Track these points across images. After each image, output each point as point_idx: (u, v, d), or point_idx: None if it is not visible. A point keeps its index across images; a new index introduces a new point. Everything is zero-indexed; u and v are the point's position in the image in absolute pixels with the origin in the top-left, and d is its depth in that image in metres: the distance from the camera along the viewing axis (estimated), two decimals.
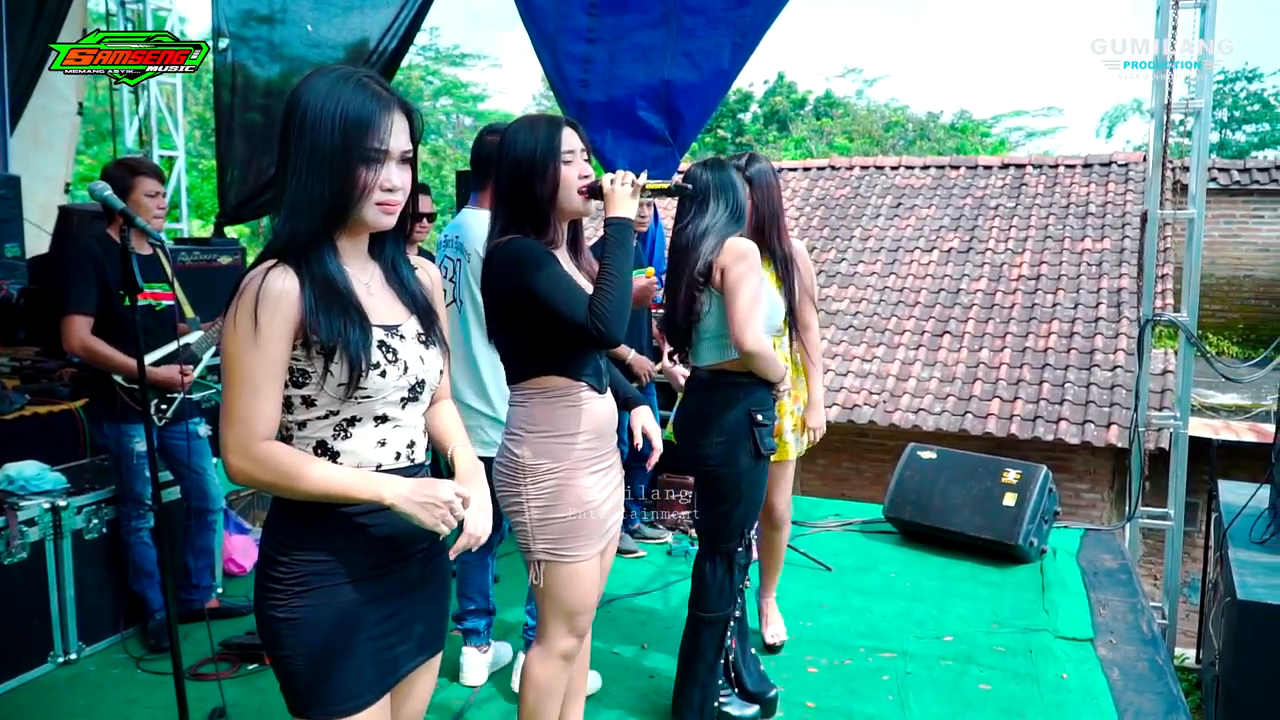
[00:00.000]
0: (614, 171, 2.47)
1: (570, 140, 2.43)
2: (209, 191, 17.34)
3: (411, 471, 1.85)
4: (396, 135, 1.73)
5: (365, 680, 1.80)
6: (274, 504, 1.80)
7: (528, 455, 2.44)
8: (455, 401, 2.82)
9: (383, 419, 1.80)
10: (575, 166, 2.43)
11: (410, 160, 1.78)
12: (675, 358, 3.42)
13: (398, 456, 1.83)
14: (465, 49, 36.69)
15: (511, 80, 64.62)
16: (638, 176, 2.43)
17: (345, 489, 1.70)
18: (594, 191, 2.44)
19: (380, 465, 1.80)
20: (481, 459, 2.03)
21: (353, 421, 1.77)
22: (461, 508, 1.73)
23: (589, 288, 2.40)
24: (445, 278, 3.48)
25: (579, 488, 2.45)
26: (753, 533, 3.24)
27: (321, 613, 1.74)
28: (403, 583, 1.85)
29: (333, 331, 1.69)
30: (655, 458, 2.71)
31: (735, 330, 3.00)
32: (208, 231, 10.35)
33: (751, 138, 26.52)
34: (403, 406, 1.82)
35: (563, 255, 2.49)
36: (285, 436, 1.76)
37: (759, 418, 3.10)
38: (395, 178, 1.74)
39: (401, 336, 1.82)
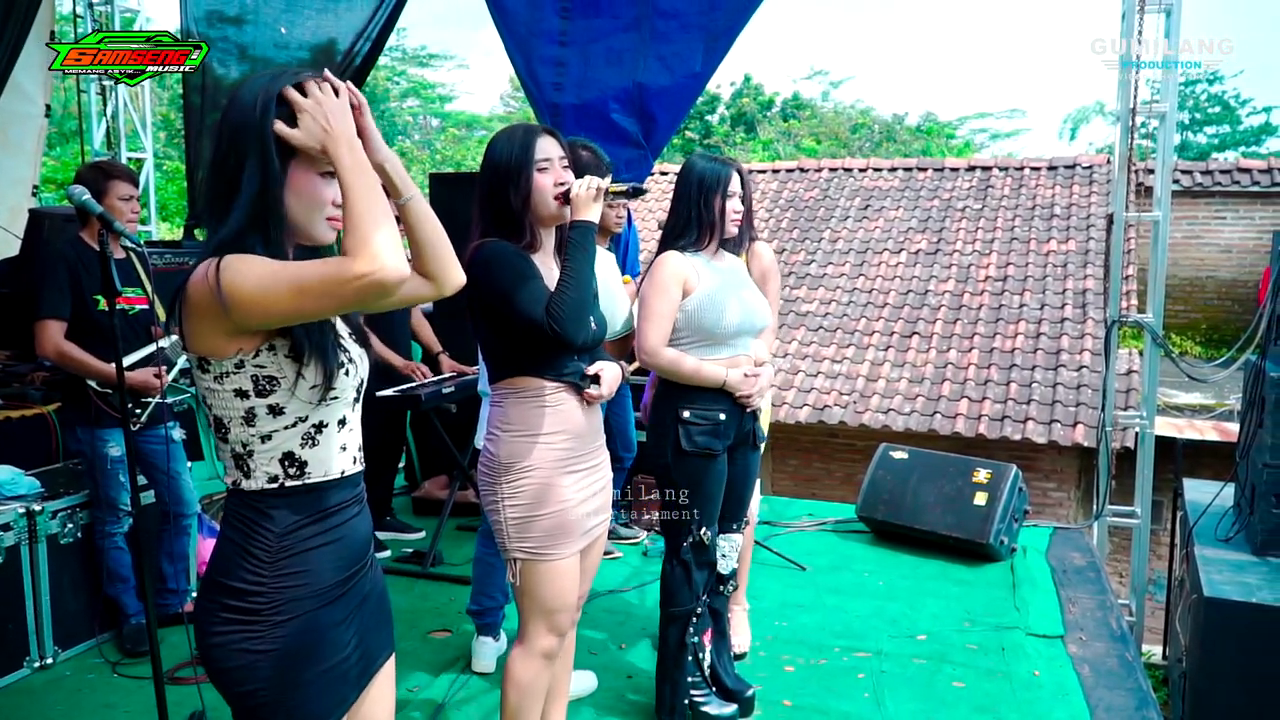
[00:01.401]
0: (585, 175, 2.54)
1: (546, 148, 2.50)
2: (173, 193, 17.18)
3: (359, 478, 1.84)
4: None
5: (339, 699, 1.78)
6: (233, 530, 1.71)
7: (503, 455, 2.49)
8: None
9: (342, 422, 1.78)
10: (550, 174, 2.49)
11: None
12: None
13: (354, 461, 1.82)
14: (432, 49, 36.54)
15: (479, 81, 64.47)
16: (599, 182, 2.49)
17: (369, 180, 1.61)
18: (568, 198, 2.50)
19: (344, 471, 1.78)
20: None
21: (320, 428, 1.73)
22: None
23: None
24: None
25: (555, 487, 2.49)
26: (707, 534, 3.21)
27: (305, 638, 1.70)
28: (361, 593, 1.83)
29: (308, 330, 1.67)
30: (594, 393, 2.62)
31: (637, 350, 3.14)
32: (175, 234, 10.27)
33: (719, 139, 26.61)
34: (353, 407, 1.81)
35: (545, 259, 2.54)
36: (245, 453, 1.70)
37: (685, 414, 3.10)
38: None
39: (339, 334, 1.80)
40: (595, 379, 2.54)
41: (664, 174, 13.61)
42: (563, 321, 2.38)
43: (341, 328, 1.82)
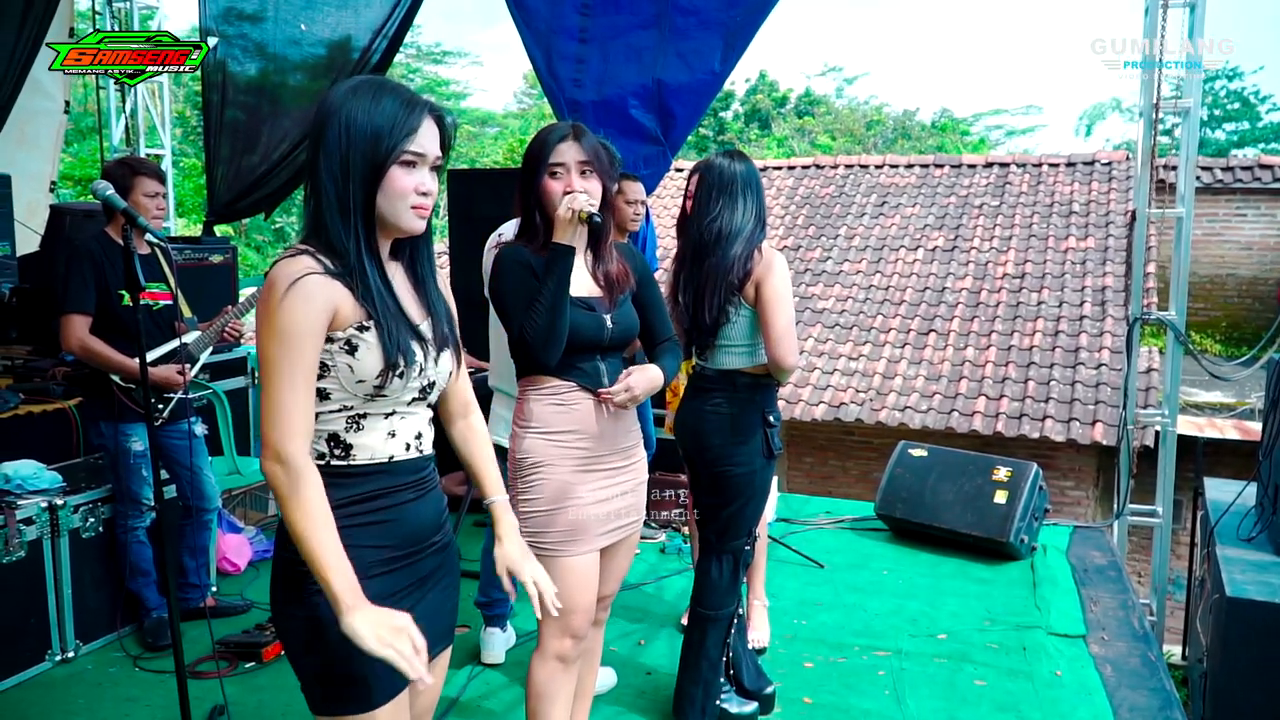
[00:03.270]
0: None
1: (563, 153, 2.45)
2: (190, 190, 17.25)
3: (421, 464, 1.87)
4: (431, 141, 1.79)
5: (382, 678, 1.78)
6: None
7: (519, 450, 2.51)
8: (513, 397, 2.81)
9: (391, 413, 1.83)
10: (562, 180, 2.44)
11: (439, 167, 1.83)
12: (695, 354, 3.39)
13: (407, 448, 1.85)
14: (446, 46, 36.59)
15: (492, 78, 64.48)
16: (585, 203, 2.42)
17: (325, 567, 1.64)
18: None
19: (393, 457, 1.82)
20: None
21: (364, 416, 1.79)
22: (417, 654, 1.64)
23: (589, 292, 2.52)
24: None
25: (566, 486, 2.48)
26: (757, 531, 3.27)
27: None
28: (417, 577, 1.86)
29: (386, 330, 1.73)
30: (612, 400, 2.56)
31: (775, 349, 3.02)
32: (194, 230, 10.32)
33: (734, 136, 26.55)
34: (409, 404, 1.85)
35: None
36: None
37: (770, 418, 3.14)
38: (429, 182, 1.78)
39: (420, 338, 1.84)
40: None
41: (679, 170, 13.60)
42: (532, 345, 2.39)
43: (425, 330, 1.85)
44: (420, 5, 6.27)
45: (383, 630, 1.62)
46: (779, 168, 14.60)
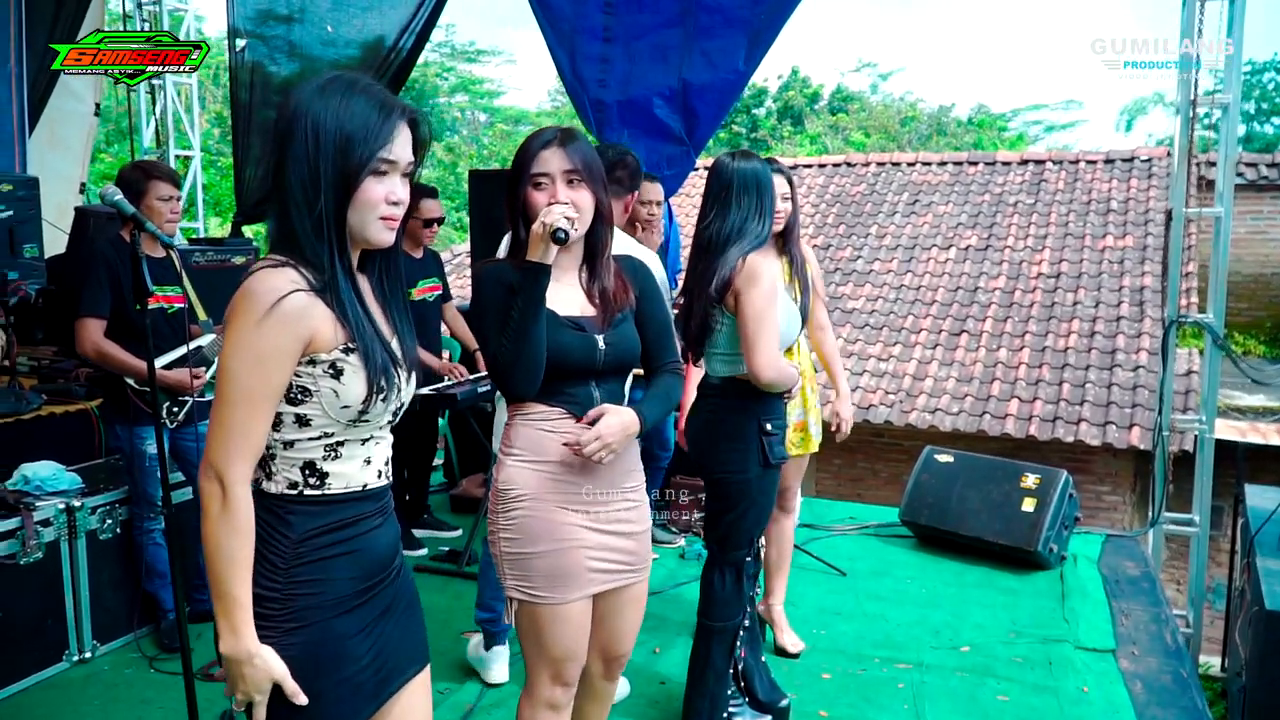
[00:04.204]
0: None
1: (546, 161, 2.24)
2: (227, 189, 17.41)
3: (385, 490, 1.81)
4: (403, 147, 1.69)
5: (352, 711, 1.75)
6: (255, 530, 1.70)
7: (502, 479, 2.29)
8: None
9: (368, 440, 1.76)
10: (546, 192, 2.23)
11: (410, 174, 1.73)
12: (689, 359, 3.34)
13: (379, 475, 1.78)
14: (480, 45, 36.69)
15: (526, 77, 64.63)
16: (558, 217, 2.17)
17: (237, 587, 1.60)
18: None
19: (366, 485, 1.75)
20: None
21: (343, 444, 1.71)
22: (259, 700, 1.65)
23: (581, 311, 2.30)
24: None
25: (551, 523, 2.25)
26: (761, 541, 3.19)
27: (317, 649, 1.68)
28: (382, 608, 1.79)
29: (369, 353, 1.67)
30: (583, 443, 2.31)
31: (750, 361, 2.93)
32: (226, 229, 10.38)
33: (766, 133, 26.39)
34: (380, 428, 1.78)
35: (559, 274, 2.27)
36: (268, 455, 1.68)
37: (768, 427, 3.04)
38: (399, 191, 1.69)
39: (394, 358, 1.76)
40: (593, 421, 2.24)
41: (706, 169, 13.54)
42: (501, 374, 2.21)
43: (393, 347, 1.77)
44: (445, 3, 6.26)
45: (262, 680, 1.63)
46: (809, 165, 14.49)
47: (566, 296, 2.31)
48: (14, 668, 3.63)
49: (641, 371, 2.50)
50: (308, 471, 1.70)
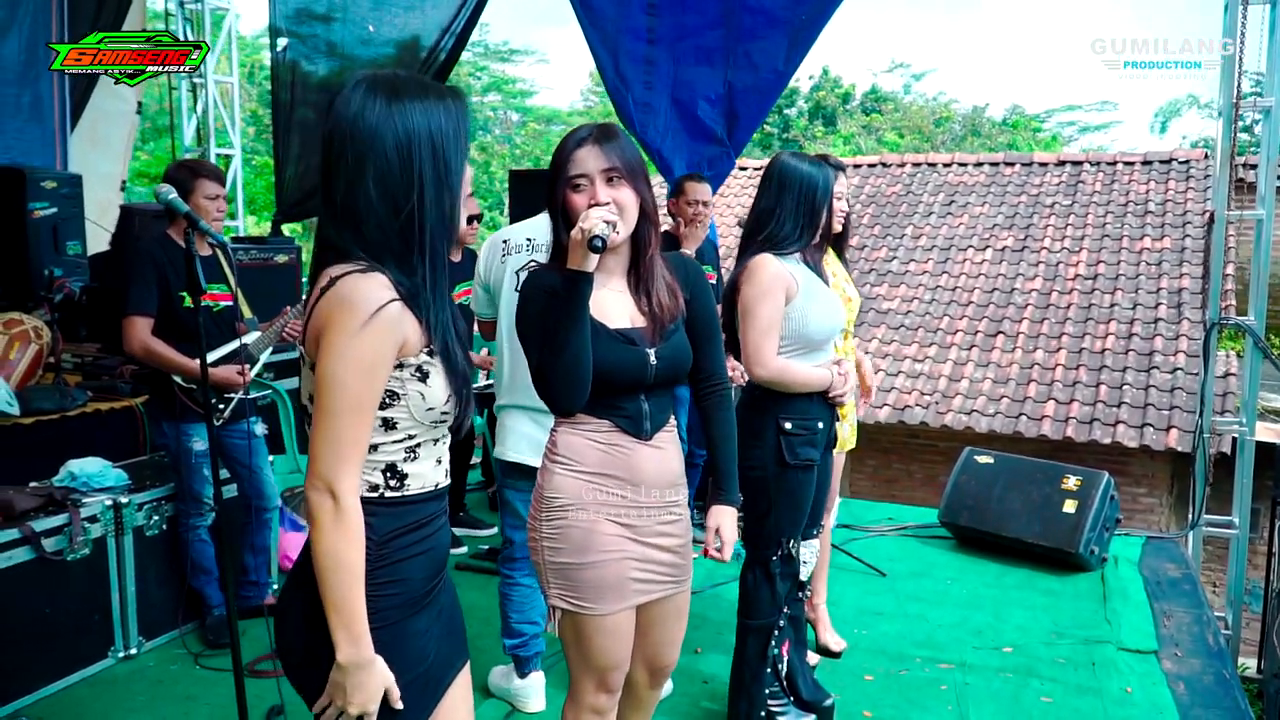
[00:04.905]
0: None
1: (583, 162, 2.15)
2: (261, 188, 17.56)
3: (447, 489, 1.82)
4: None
5: (421, 709, 1.77)
6: None
7: (545, 486, 2.25)
8: (536, 413, 2.88)
9: (440, 439, 1.77)
10: (586, 193, 2.15)
11: None
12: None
13: (446, 474, 1.80)
14: (513, 45, 36.79)
15: (559, 76, 64.76)
16: (596, 222, 2.08)
17: (355, 602, 1.60)
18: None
19: (438, 485, 1.77)
20: None
21: (420, 445, 1.72)
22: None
23: (632, 322, 2.24)
24: None
25: (594, 533, 2.21)
26: (794, 545, 3.15)
27: (395, 647, 1.69)
28: (438, 605, 1.82)
29: (450, 355, 1.68)
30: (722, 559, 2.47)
31: (745, 361, 2.98)
32: (263, 228, 10.48)
33: (798, 134, 26.33)
34: (450, 427, 1.80)
35: (603, 279, 2.22)
36: None
37: (787, 426, 3.00)
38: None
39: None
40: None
41: (743, 169, 13.50)
42: (547, 389, 2.15)
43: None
44: (486, 3, 6.29)
45: (343, 695, 1.62)
46: None
47: (616, 306, 2.25)
48: (60, 663, 3.67)
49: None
50: (389, 474, 1.70)
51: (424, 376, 1.67)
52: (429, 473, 1.75)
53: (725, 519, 2.42)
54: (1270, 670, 5.26)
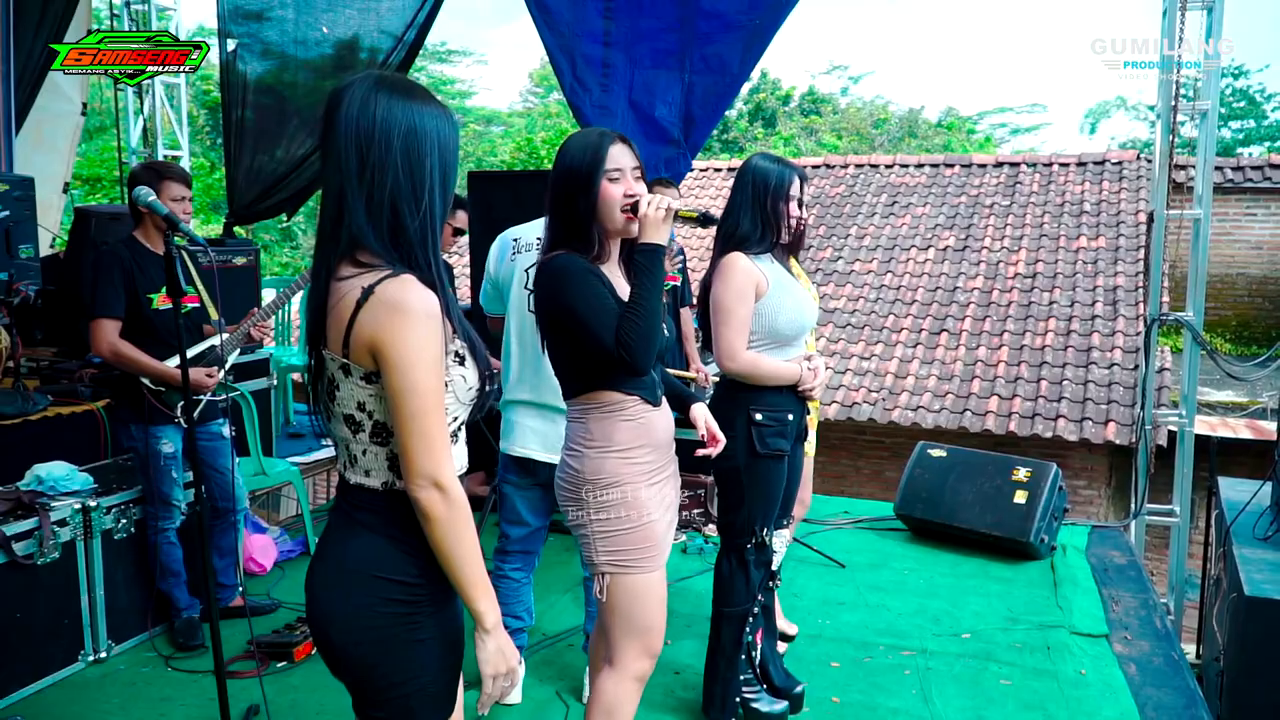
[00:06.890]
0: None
1: (618, 157, 2.41)
2: (197, 190, 17.26)
3: (465, 472, 1.90)
4: None
5: (454, 687, 1.88)
6: (390, 527, 1.75)
7: (587, 470, 2.44)
8: (544, 408, 3.07)
9: (466, 421, 1.88)
10: (621, 184, 2.40)
11: None
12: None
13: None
14: (451, 45, 36.57)
15: (497, 77, 64.44)
16: (667, 201, 2.39)
17: (480, 586, 1.73)
18: (636, 210, 2.40)
19: (463, 466, 1.85)
20: None
21: (461, 427, 1.83)
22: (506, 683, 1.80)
23: None
24: None
25: (640, 501, 2.44)
26: (767, 533, 3.25)
27: (451, 626, 1.80)
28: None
29: (471, 337, 1.79)
30: (717, 449, 2.71)
31: (716, 355, 3.13)
32: (208, 231, 10.33)
33: (739, 135, 26.53)
34: None
35: (614, 272, 2.49)
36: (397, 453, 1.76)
37: (758, 417, 3.12)
38: None
39: None
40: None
41: (703, 171, 13.65)
42: (633, 352, 2.31)
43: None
44: (437, 14, 6.30)
45: (504, 661, 1.75)
46: None
47: (624, 287, 2.46)
48: (31, 668, 3.65)
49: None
50: None
51: (461, 360, 1.77)
52: (460, 454, 1.85)
53: (706, 411, 2.74)
54: (1209, 655, 5.46)
